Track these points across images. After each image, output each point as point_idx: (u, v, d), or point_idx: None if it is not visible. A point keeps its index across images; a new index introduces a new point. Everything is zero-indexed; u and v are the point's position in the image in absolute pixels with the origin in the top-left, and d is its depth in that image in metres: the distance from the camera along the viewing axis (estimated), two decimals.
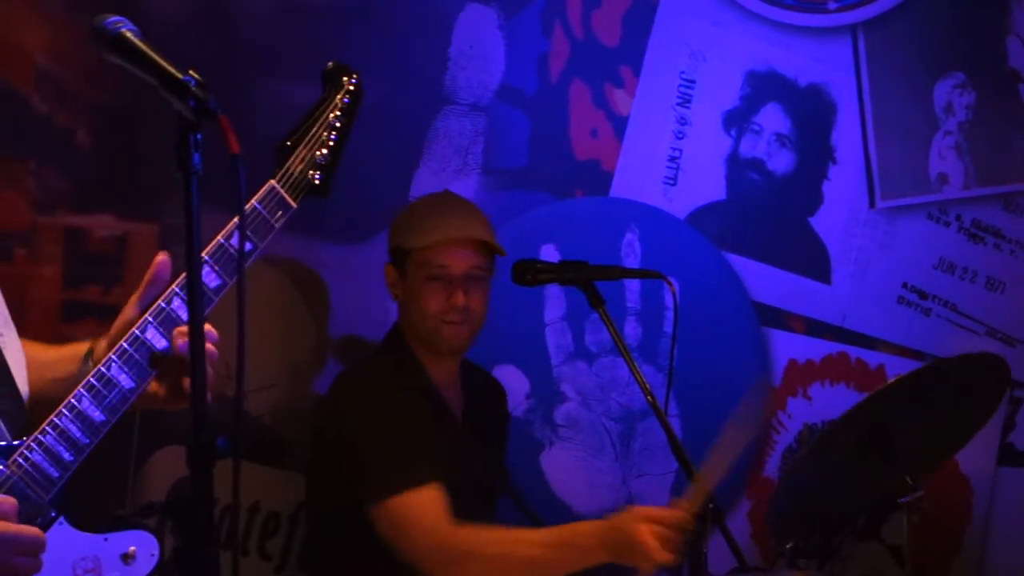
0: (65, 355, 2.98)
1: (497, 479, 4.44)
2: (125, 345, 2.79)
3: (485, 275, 4.30)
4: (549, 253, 4.89)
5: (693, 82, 5.11)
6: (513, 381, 4.77)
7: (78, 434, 2.72)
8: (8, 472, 2.66)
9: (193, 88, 2.39)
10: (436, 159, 4.90)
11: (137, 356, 2.79)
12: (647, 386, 4.09)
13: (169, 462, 4.49)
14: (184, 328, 2.78)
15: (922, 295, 5.31)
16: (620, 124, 5.07)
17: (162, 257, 2.90)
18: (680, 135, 5.11)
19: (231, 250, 2.89)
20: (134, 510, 2.76)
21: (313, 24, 4.77)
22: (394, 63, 4.85)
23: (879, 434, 4.17)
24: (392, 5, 4.88)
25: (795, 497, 4.29)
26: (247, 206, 2.90)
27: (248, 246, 2.91)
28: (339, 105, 3.18)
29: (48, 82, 4.55)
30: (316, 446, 4.34)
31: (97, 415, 2.74)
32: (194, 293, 2.40)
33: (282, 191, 3.00)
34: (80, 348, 2.97)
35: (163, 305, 2.83)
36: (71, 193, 4.51)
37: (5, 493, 2.64)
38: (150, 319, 2.81)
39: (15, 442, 2.70)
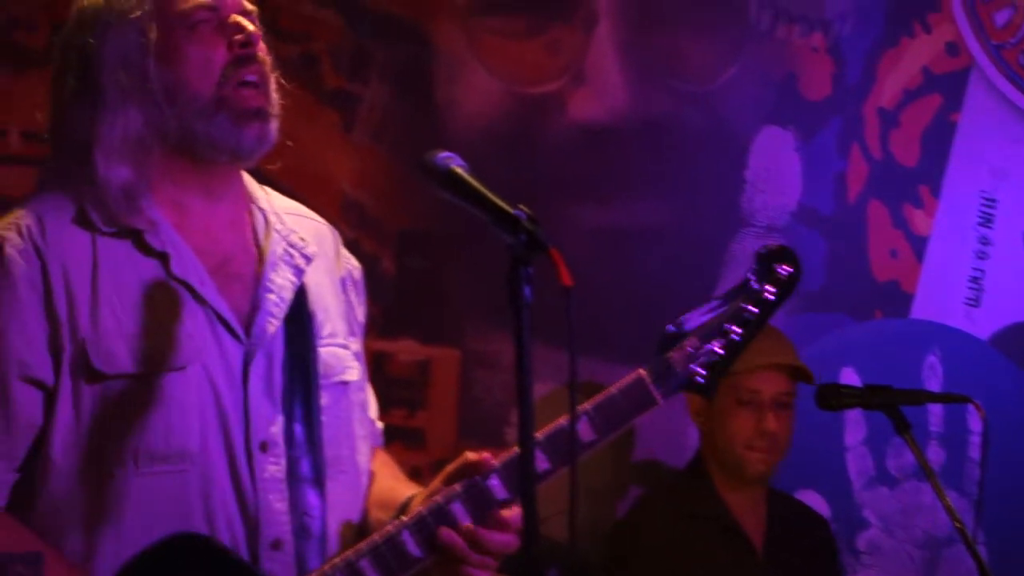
0: (393, 496, 2.86)
1: None
2: (424, 512, 2.67)
3: (791, 401, 4.25)
4: (849, 376, 4.82)
5: (995, 201, 5.00)
6: (814, 507, 4.67)
7: None
8: None
9: (524, 222, 2.34)
10: (733, 282, 4.85)
11: (435, 528, 2.66)
12: (955, 512, 3.97)
13: None
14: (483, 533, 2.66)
15: None
16: (920, 244, 4.99)
17: (486, 456, 2.70)
18: (982, 255, 5.00)
19: (572, 435, 2.67)
20: None
21: (611, 148, 4.82)
22: (691, 186, 4.86)
23: None
24: (689, 129, 4.89)
25: None
26: (602, 397, 2.74)
27: (591, 437, 2.71)
28: (759, 297, 2.82)
29: (353, 209, 4.66)
30: (608, 568, 4.32)
31: None
32: (526, 430, 2.32)
33: (650, 384, 2.76)
34: (403, 492, 2.86)
35: (478, 479, 2.69)
36: (376, 318, 4.59)
37: None
38: (460, 492, 2.68)
39: None
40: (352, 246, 3.03)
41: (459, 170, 2.46)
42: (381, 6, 4.72)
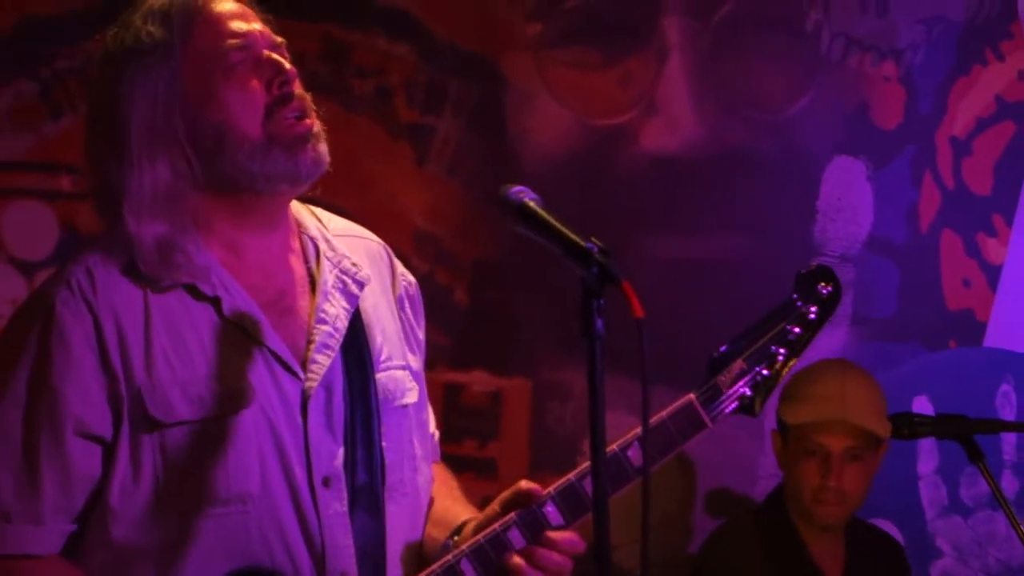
0: (449, 516, 2.89)
1: None
2: (482, 540, 2.69)
3: (865, 454, 4.13)
4: (922, 405, 4.80)
5: None
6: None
7: None
8: None
9: (596, 255, 2.33)
10: None
11: (492, 555, 2.68)
12: None
13: None
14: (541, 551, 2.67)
15: None
16: (993, 273, 4.97)
17: (534, 487, 2.73)
18: None
19: (623, 461, 2.72)
20: None
21: (683, 179, 4.82)
22: (763, 216, 4.85)
23: None
24: (761, 159, 4.89)
25: None
26: (653, 421, 2.74)
27: (643, 461, 2.67)
28: (803, 317, 2.85)
29: (427, 241, 4.68)
30: None
31: None
32: (597, 460, 2.32)
33: (700, 408, 2.78)
34: (460, 514, 2.88)
35: (534, 507, 2.71)
36: (449, 349, 4.62)
37: None
38: (515, 519, 2.70)
39: None
40: (426, 278, 3.04)
41: (532, 204, 2.45)
42: (454, 40, 4.76)
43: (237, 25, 2.69)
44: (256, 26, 2.72)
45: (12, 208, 4.59)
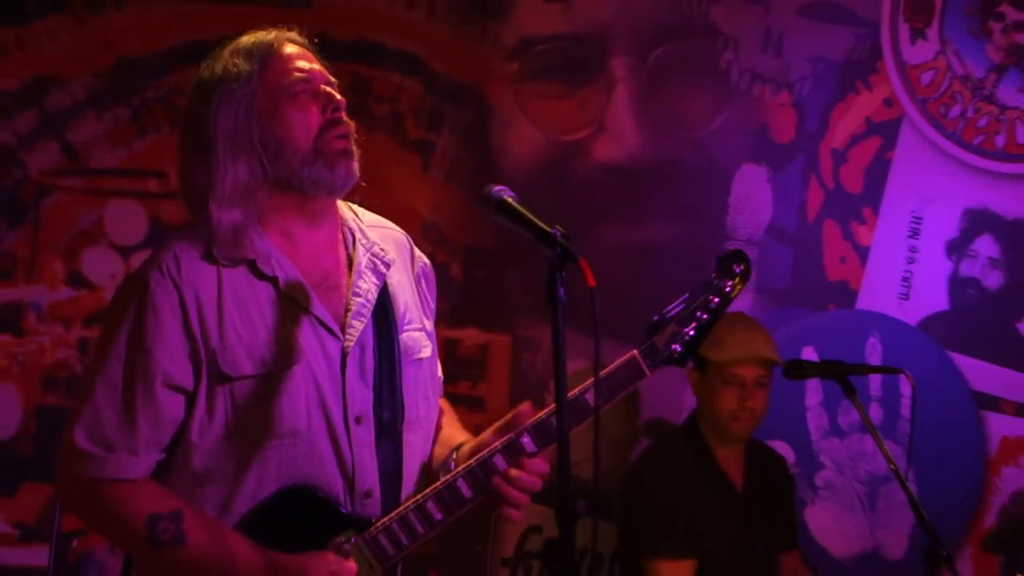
0: (451, 439, 2.92)
1: (775, 536, 4.35)
2: (474, 464, 2.73)
3: (767, 381, 4.23)
4: (809, 354, 4.81)
5: (921, 218, 4.97)
6: (782, 452, 4.68)
7: (419, 527, 2.70)
8: (359, 542, 2.67)
9: (559, 239, 2.38)
10: None
11: (481, 475, 2.72)
12: (890, 456, 3.97)
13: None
14: (517, 472, 2.71)
15: None
16: (863, 253, 4.96)
17: (525, 407, 2.78)
18: (911, 260, 4.98)
19: (582, 402, 2.73)
20: (519, 556, 2.73)
21: (627, 181, 4.84)
22: (687, 210, 4.87)
23: None
24: (686, 166, 4.91)
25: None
26: (605, 372, 2.76)
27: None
28: (720, 289, 2.84)
29: (431, 230, 4.70)
30: (623, 502, 4.34)
31: (437, 515, 2.70)
32: (560, 399, 2.36)
33: (641, 361, 2.79)
34: (458, 438, 2.92)
35: (513, 438, 2.75)
36: (447, 312, 4.64)
37: (354, 558, 2.67)
38: (499, 447, 2.73)
39: (373, 520, 2.70)
40: (430, 257, 3.05)
41: (510, 199, 2.50)
42: (451, 76, 4.77)
43: (302, 64, 2.72)
44: (316, 66, 2.75)
45: (111, 205, 4.61)
